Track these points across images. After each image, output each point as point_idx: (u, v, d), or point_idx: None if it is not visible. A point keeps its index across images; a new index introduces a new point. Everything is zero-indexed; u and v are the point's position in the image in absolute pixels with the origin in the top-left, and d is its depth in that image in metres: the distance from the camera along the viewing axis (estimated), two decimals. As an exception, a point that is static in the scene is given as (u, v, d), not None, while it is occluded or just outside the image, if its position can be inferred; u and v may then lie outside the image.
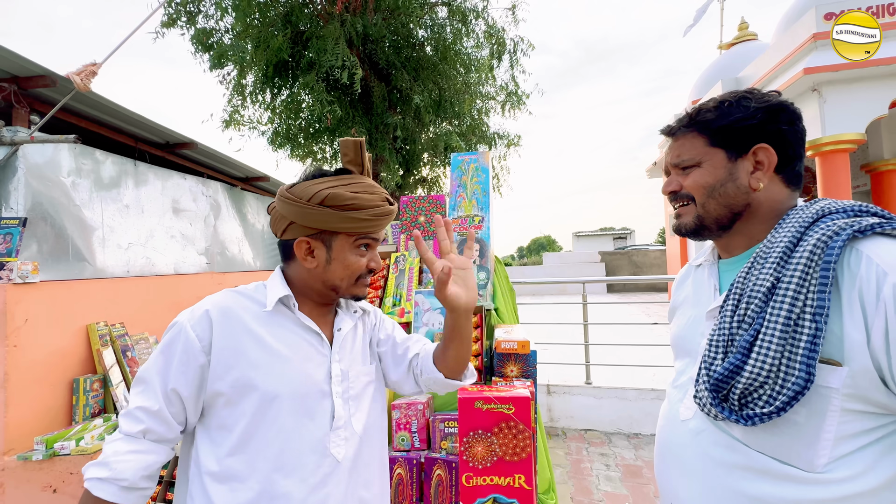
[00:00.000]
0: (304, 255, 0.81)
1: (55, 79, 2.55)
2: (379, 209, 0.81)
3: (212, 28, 5.75)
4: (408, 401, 1.21)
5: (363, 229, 0.81)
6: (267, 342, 0.78)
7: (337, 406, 0.80)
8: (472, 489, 0.92)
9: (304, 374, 0.79)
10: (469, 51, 6.51)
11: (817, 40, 5.29)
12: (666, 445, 0.78)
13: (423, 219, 1.83)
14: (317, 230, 0.80)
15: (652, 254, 14.57)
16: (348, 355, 0.87)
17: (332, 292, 0.84)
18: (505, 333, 1.31)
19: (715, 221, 0.76)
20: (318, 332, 0.82)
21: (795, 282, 0.60)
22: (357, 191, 0.79)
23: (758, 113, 0.72)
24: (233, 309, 0.79)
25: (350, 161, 0.83)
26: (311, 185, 0.79)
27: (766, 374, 0.60)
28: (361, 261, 0.83)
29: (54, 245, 2.76)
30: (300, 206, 0.78)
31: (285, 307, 0.82)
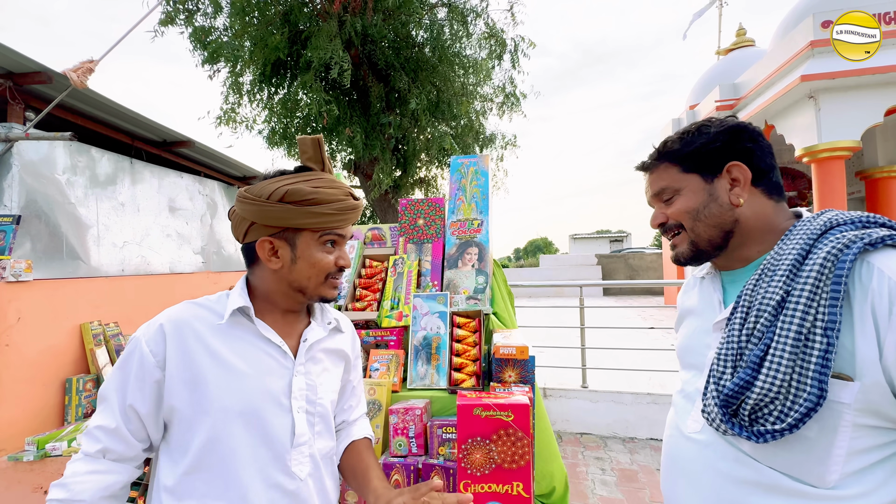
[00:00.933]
0: (268, 255, 0.78)
1: (51, 75, 2.52)
2: (342, 203, 0.79)
3: (210, 26, 5.72)
4: (405, 405, 1.20)
5: (327, 224, 0.78)
6: (222, 356, 0.75)
7: (298, 422, 0.77)
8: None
9: (261, 389, 0.75)
10: (468, 52, 6.51)
11: (815, 48, 5.33)
12: (673, 458, 0.78)
13: (421, 221, 1.82)
14: (279, 228, 0.77)
15: (648, 257, 14.62)
16: (316, 368, 0.83)
17: (300, 294, 0.81)
18: (503, 338, 1.30)
19: (709, 243, 0.77)
20: (278, 343, 0.79)
21: (806, 295, 0.59)
22: (317, 185, 0.78)
23: (719, 136, 0.75)
24: (188, 322, 0.76)
25: (309, 158, 0.82)
26: (270, 184, 0.77)
27: (777, 390, 0.59)
28: (328, 258, 0.80)
29: (48, 243, 2.73)
30: (260, 205, 0.76)
31: (245, 317, 0.79)
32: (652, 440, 3.27)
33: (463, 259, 1.69)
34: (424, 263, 1.72)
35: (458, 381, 1.32)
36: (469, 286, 1.61)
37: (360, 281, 1.73)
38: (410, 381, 1.36)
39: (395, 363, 1.40)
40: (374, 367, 1.39)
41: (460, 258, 1.69)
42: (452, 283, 1.63)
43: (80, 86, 2.56)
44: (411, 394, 1.31)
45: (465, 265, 1.67)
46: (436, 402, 1.29)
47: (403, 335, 1.51)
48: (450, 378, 1.33)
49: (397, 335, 1.49)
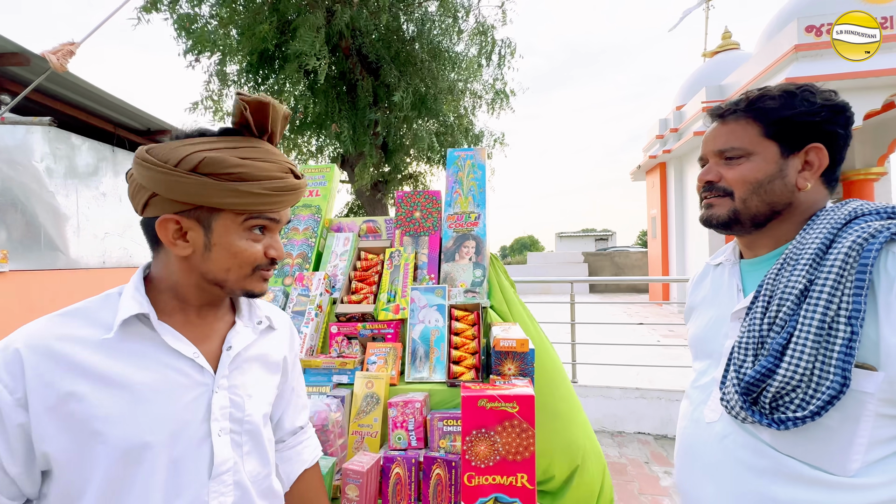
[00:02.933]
0: (173, 238, 0.62)
1: (29, 57, 2.41)
2: (279, 182, 0.63)
3: (195, 14, 5.56)
4: (404, 398, 1.18)
5: (255, 206, 0.62)
6: (112, 380, 0.58)
7: (218, 448, 0.63)
8: (474, 489, 0.90)
9: (167, 417, 0.60)
10: (458, 48, 6.48)
11: (799, 51, 5.46)
12: (689, 448, 0.77)
13: (418, 214, 1.80)
14: (189, 206, 0.61)
15: (633, 255, 14.85)
16: (244, 379, 0.69)
17: (217, 288, 0.66)
18: (503, 331, 1.29)
19: (752, 218, 0.73)
20: (190, 355, 0.64)
21: (830, 284, 0.59)
22: (247, 156, 0.62)
23: (823, 110, 0.69)
24: (56, 344, 0.58)
25: (242, 121, 0.64)
26: (183, 146, 0.60)
27: (800, 378, 0.59)
28: (255, 247, 0.65)
29: (25, 233, 2.62)
30: (165, 173, 0.59)
31: (142, 325, 0.63)
32: (640, 434, 3.32)
33: (460, 252, 1.67)
34: (421, 256, 1.70)
35: (457, 374, 1.30)
36: (466, 279, 1.60)
37: (355, 273, 1.70)
38: (408, 375, 1.34)
39: (393, 356, 1.38)
40: (372, 361, 1.37)
41: (457, 251, 1.67)
42: (450, 277, 1.62)
43: (59, 69, 2.46)
44: (409, 387, 1.30)
45: (463, 258, 1.65)
46: (434, 395, 1.28)
47: (400, 328, 1.49)
48: (448, 371, 1.31)
49: (394, 328, 1.47)
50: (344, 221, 1.94)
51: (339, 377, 1.33)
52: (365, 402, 1.25)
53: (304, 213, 1.89)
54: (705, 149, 0.78)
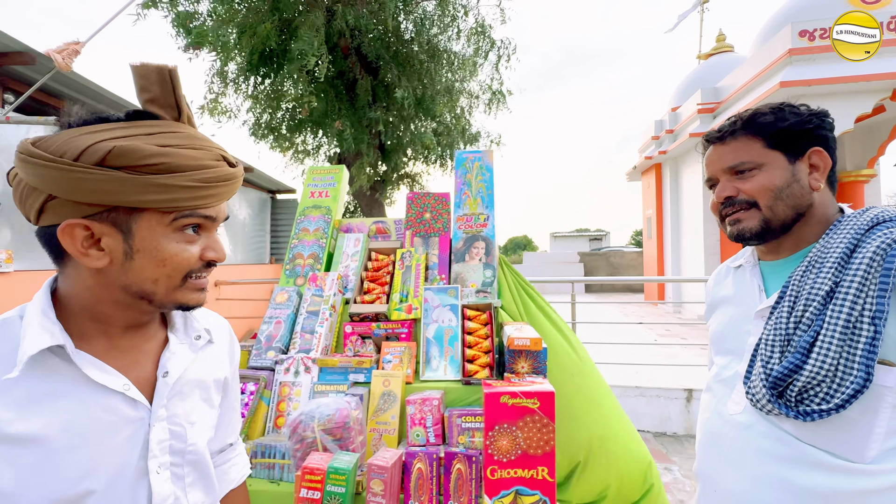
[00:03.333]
0: (82, 248, 0.51)
1: (34, 56, 2.41)
2: (209, 172, 0.53)
3: (194, 11, 5.54)
4: (422, 396, 1.21)
5: (184, 203, 0.52)
6: (21, 432, 0.47)
7: (156, 486, 0.55)
8: (497, 482, 0.93)
9: (96, 463, 0.51)
10: (456, 48, 6.51)
11: (793, 55, 5.55)
12: (713, 438, 0.80)
13: (428, 215, 1.83)
14: (100, 207, 0.50)
15: (628, 255, 14.98)
16: (185, 406, 0.60)
17: (144, 303, 0.55)
18: (516, 330, 1.32)
19: (781, 223, 0.77)
20: (120, 389, 0.54)
21: (855, 286, 0.63)
22: (168, 143, 0.51)
23: (812, 118, 0.76)
24: None
25: (153, 100, 0.53)
26: (82, 135, 0.49)
27: (825, 374, 0.63)
28: (189, 250, 0.55)
29: (28, 233, 2.61)
30: (63, 170, 0.47)
31: (55, 357, 0.52)
32: (639, 431, 3.37)
33: (470, 253, 1.70)
34: (432, 257, 1.73)
35: (472, 373, 1.34)
36: (477, 280, 1.63)
37: (366, 274, 1.72)
38: (423, 373, 1.37)
39: (408, 355, 1.40)
40: (387, 360, 1.40)
41: (467, 252, 1.71)
42: (460, 277, 1.65)
43: (64, 68, 2.45)
44: (425, 385, 1.33)
45: (473, 259, 1.69)
46: (449, 393, 1.31)
47: (413, 327, 1.51)
48: (463, 369, 1.35)
49: (408, 328, 1.50)
50: (353, 222, 1.96)
51: (356, 376, 1.36)
52: (382, 400, 1.28)
53: (315, 214, 1.91)
54: (713, 169, 0.82)
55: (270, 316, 1.56)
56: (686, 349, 5.30)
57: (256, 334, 1.53)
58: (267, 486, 1.17)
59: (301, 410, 1.15)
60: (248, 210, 6.39)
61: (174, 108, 0.54)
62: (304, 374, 1.38)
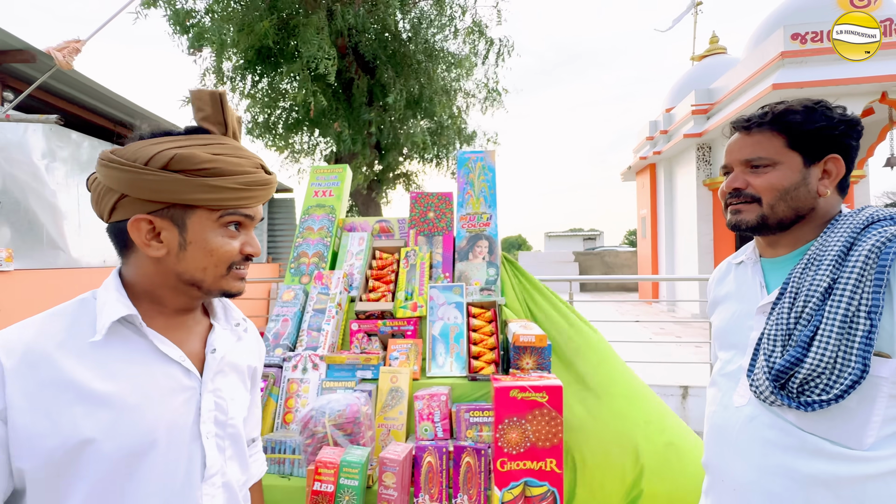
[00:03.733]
0: (146, 239, 0.60)
1: (34, 53, 2.39)
2: (249, 177, 0.64)
3: (191, 9, 5.51)
4: (430, 392, 1.24)
5: (229, 202, 0.62)
6: (100, 387, 0.56)
7: (209, 451, 0.63)
8: (506, 474, 0.96)
9: (160, 420, 0.59)
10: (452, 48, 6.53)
11: (785, 58, 5.64)
12: (720, 430, 0.83)
13: (432, 214, 1.85)
14: (162, 204, 0.60)
15: (623, 255, 15.10)
16: (226, 382, 0.68)
17: (194, 289, 0.64)
18: (521, 327, 1.35)
19: (779, 222, 0.79)
20: (178, 359, 0.63)
21: (852, 283, 0.67)
22: (218, 152, 0.62)
23: (841, 124, 0.77)
24: (41, 352, 0.56)
25: (206, 118, 0.64)
26: (150, 145, 0.60)
27: (825, 366, 0.67)
28: (231, 244, 0.64)
29: (27, 231, 2.60)
30: (135, 172, 0.58)
31: (128, 328, 0.61)
32: (635, 428, 3.42)
33: (473, 251, 1.73)
34: (436, 255, 1.75)
35: (477, 369, 1.36)
36: (481, 278, 1.66)
37: (371, 272, 1.74)
38: (430, 370, 1.40)
39: (414, 352, 1.43)
40: (394, 357, 1.42)
41: (471, 251, 1.73)
42: (464, 275, 1.67)
43: (65, 66, 2.44)
44: (431, 381, 1.35)
45: (476, 257, 1.71)
46: (455, 388, 1.33)
47: (419, 325, 1.54)
48: (469, 366, 1.37)
49: (413, 325, 1.52)
50: (357, 221, 1.98)
51: (363, 372, 1.38)
52: (390, 396, 1.30)
53: (319, 213, 1.93)
54: (730, 158, 0.84)
55: (277, 314, 1.58)
56: (680, 347, 5.37)
57: (263, 332, 1.55)
58: (278, 480, 1.19)
59: (312, 406, 1.17)
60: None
61: (222, 125, 0.66)
62: (312, 371, 1.40)
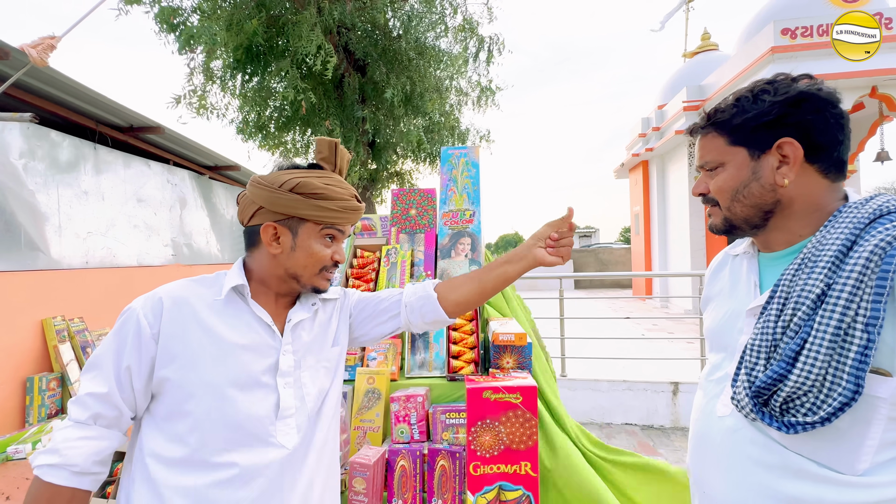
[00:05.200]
0: (270, 239, 0.82)
1: (7, 50, 2.33)
2: (347, 202, 0.85)
3: (177, 7, 5.43)
4: (406, 393, 1.20)
5: (330, 219, 0.83)
6: (216, 331, 0.79)
7: (284, 396, 0.81)
8: (480, 478, 0.93)
9: (251, 363, 0.80)
10: (443, 46, 6.49)
11: (775, 53, 5.64)
12: (701, 439, 0.77)
13: (413, 212, 1.82)
14: (285, 216, 0.82)
15: (617, 252, 15.13)
16: (302, 345, 0.88)
17: (294, 281, 0.85)
18: (501, 326, 1.32)
19: (745, 221, 0.74)
20: (268, 322, 0.83)
21: (848, 290, 0.57)
22: (328, 183, 0.83)
23: (773, 108, 0.68)
24: (186, 298, 0.80)
25: (324, 158, 0.88)
26: (284, 174, 0.83)
27: (811, 384, 0.59)
28: (326, 251, 0.85)
29: (3, 232, 2.54)
30: (271, 192, 0.81)
31: (239, 296, 0.84)
32: (627, 425, 3.41)
33: (456, 249, 1.70)
34: (417, 253, 1.72)
35: (457, 369, 1.33)
36: (463, 276, 1.63)
37: (351, 271, 1.71)
38: (409, 370, 1.36)
39: (393, 352, 1.39)
40: (372, 357, 1.38)
41: (453, 248, 1.70)
42: (446, 273, 1.64)
43: (40, 63, 2.39)
44: (410, 382, 1.32)
45: (458, 255, 1.68)
46: (434, 389, 1.30)
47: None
48: (448, 366, 1.34)
49: (393, 325, 1.49)
50: (338, 219, 1.94)
51: (340, 374, 1.34)
52: (366, 397, 1.27)
53: (299, 212, 1.89)
54: (695, 163, 0.82)
55: (253, 315, 1.54)
56: (673, 343, 5.37)
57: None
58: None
59: (283, 409, 1.14)
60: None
61: (332, 164, 0.89)
62: (288, 373, 1.37)
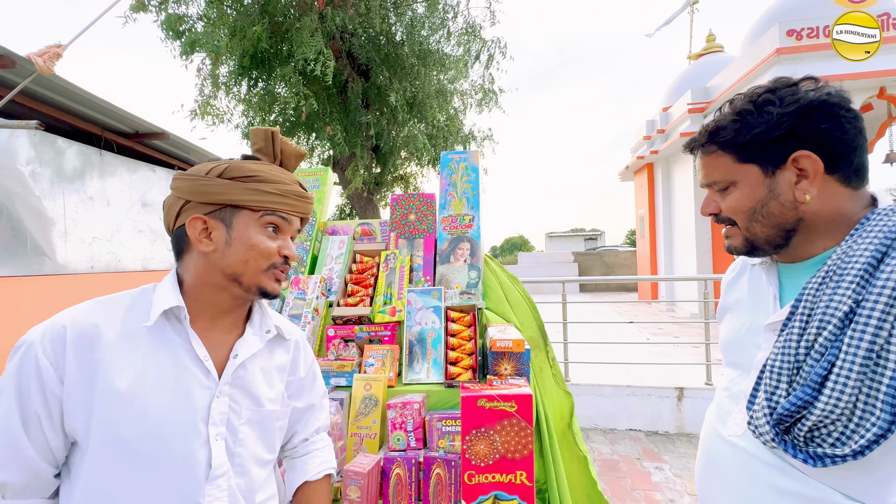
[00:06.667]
0: (199, 235, 0.70)
1: (14, 59, 2.37)
2: (286, 186, 0.74)
3: (183, 14, 5.50)
4: (403, 400, 1.20)
5: (270, 203, 0.72)
6: (133, 370, 0.64)
7: (215, 451, 0.66)
8: (474, 487, 0.92)
9: (176, 412, 0.65)
10: (446, 49, 6.51)
11: (780, 55, 5.59)
12: (711, 458, 0.72)
13: (413, 217, 1.82)
14: (215, 206, 0.70)
15: (622, 255, 15.03)
16: (245, 387, 0.72)
17: (235, 285, 0.72)
18: (499, 332, 1.31)
19: (766, 242, 0.68)
20: (201, 357, 0.69)
21: (881, 308, 0.52)
22: (262, 167, 0.73)
23: (783, 120, 0.62)
24: (96, 327, 0.65)
25: (260, 150, 0.77)
26: (211, 162, 0.74)
27: (840, 412, 0.53)
28: (270, 244, 0.73)
29: (11, 238, 2.57)
30: (196, 181, 0.71)
31: (174, 320, 0.70)
32: (631, 430, 3.38)
33: (455, 254, 1.69)
34: (416, 259, 1.71)
35: (454, 375, 1.32)
36: (462, 281, 1.62)
37: (350, 276, 1.71)
38: (406, 376, 1.36)
39: (391, 358, 1.39)
40: (369, 363, 1.38)
41: (452, 253, 1.69)
42: (445, 279, 1.63)
43: (46, 72, 2.42)
44: (407, 388, 1.31)
45: (458, 260, 1.67)
46: (432, 395, 1.29)
47: (397, 330, 1.50)
48: (446, 372, 1.33)
49: (391, 330, 1.48)
50: (338, 224, 1.95)
51: (337, 380, 1.34)
52: (363, 404, 1.26)
53: (299, 217, 1.90)
54: (699, 180, 0.74)
55: (252, 320, 1.54)
56: (678, 348, 5.31)
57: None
58: (246, 493, 1.16)
59: (279, 416, 1.13)
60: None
61: (271, 156, 0.77)
62: (286, 379, 1.36)
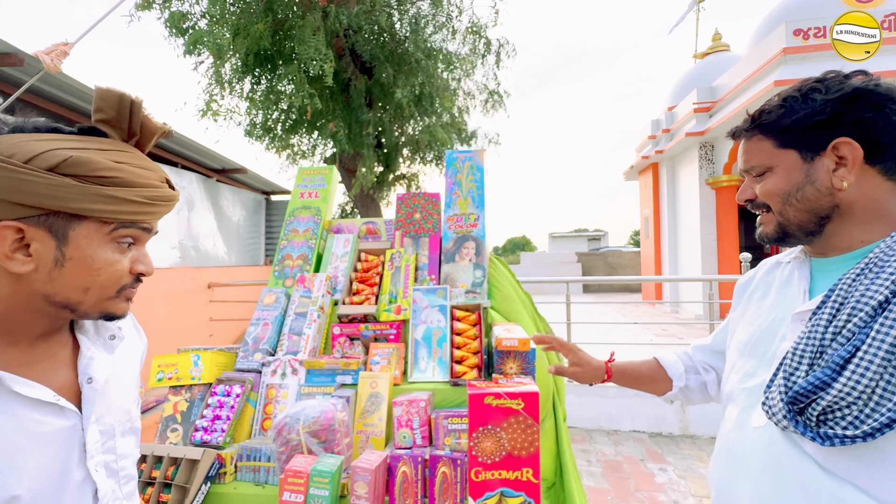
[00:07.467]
0: (9, 251, 0.50)
1: (23, 57, 2.39)
2: (155, 191, 0.56)
3: (187, 12, 5.52)
4: (409, 397, 1.20)
5: (129, 216, 0.54)
6: None
7: (100, 484, 0.58)
8: (481, 483, 0.92)
9: (39, 472, 0.51)
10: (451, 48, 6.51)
11: (787, 54, 5.56)
12: (731, 451, 0.71)
13: (418, 216, 1.82)
14: (39, 211, 0.50)
15: (626, 255, 15.00)
16: (109, 403, 0.61)
17: (66, 311, 0.55)
18: (505, 331, 1.31)
19: (799, 228, 0.69)
20: (50, 400, 0.53)
21: None
22: (121, 160, 0.54)
23: (826, 106, 0.64)
24: None
25: (107, 120, 0.55)
26: (35, 141, 0.50)
27: (857, 396, 0.54)
28: (121, 262, 0.56)
29: None
30: (10, 170, 0.48)
31: None
32: (634, 432, 3.37)
33: (460, 253, 1.69)
34: (421, 257, 1.71)
35: (460, 374, 1.32)
36: (467, 280, 1.62)
37: (356, 275, 1.71)
38: (411, 374, 1.36)
39: (396, 356, 1.39)
40: (375, 361, 1.38)
41: (457, 252, 1.69)
42: (450, 277, 1.64)
43: (53, 70, 2.43)
44: (413, 386, 1.31)
45: (463, 259, 1.68)
46: (437, 394, 1.30)
47: (402, 329, 1.50)
48: (451, 370, 1.33)
49: (396, 329, 1.49)
50: (343, 223, 1.95)
51: (343, 378, 1.34)
52: (369, 401, 1.26)
53: (304, 215, 1.90)
54: (739, 169, 0.77)
55: (258, 318, 1.54)
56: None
57: (243, 337, 1.51)
58: (252, 489, 1.16)
59: (286, 413, 1.14)
60: (242, 211, 6.36)
61: (125, 131, 0.57)
62: (292, 377, 1.37)
